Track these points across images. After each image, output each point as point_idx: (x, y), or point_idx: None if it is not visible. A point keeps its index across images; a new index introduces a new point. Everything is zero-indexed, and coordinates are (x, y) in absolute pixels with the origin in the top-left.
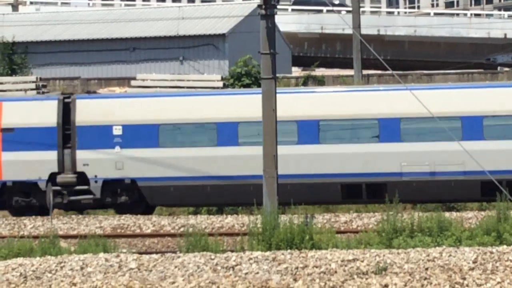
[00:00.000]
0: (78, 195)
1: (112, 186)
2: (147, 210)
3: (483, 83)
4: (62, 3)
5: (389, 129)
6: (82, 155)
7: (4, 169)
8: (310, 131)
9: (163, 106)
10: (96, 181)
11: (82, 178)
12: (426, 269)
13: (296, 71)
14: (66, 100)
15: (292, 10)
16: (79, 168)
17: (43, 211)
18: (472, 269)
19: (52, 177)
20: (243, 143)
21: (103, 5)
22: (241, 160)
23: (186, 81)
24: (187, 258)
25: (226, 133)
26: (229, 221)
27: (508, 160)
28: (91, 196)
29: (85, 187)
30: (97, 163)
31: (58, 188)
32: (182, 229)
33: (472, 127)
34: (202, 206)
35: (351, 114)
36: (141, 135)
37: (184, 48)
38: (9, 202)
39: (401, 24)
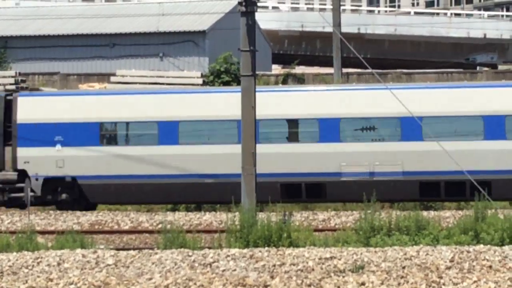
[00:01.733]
0: (19, 192)
1: (53, 184)
2: (88, 207)
3: (423, 84)
4: None
5: (329, 129)
6: (23, 153)
7: None
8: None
9: (105, 104)
10: (37, 179)
11: (23, 176)
12: (403, 267)
13: (276, 69)
14: (8, 97)
15: (273, 7)
16: (20, 165)
17: None
18: (449, 268)
19: None
20: (183, 142)
21: (84, 0)
22: (181, 159)
23: (165, 78)
24: (164, 254)
25: (167, 132)
26: (207, 218)
27: (446, 160)
28: (32, 194)
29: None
30: (38, 161)
31: None
32: (160, 225)
33: (412, 128)
34: (143, 204)
35: (292, 114)
36: (83, 133)
37: (164, 44)
38: None
39: (381, 23)
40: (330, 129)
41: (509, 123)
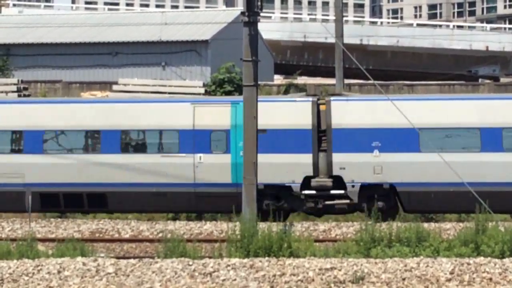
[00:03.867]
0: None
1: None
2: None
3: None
4: (45, 6)
5: (111, 140)
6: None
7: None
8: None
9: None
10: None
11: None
12: (403, 279)
13: (278, 79)
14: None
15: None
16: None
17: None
18: (449, 280)
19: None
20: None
21: (86, 8)
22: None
23: (168, 87)
24: (165, 263)
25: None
26: (208, 227)
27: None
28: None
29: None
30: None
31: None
32: (160, 234)
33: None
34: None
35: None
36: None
37: (166, 53)
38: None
39: (383, 34)
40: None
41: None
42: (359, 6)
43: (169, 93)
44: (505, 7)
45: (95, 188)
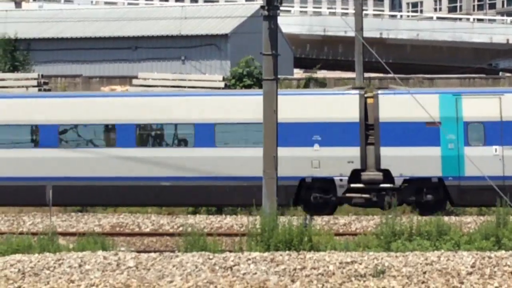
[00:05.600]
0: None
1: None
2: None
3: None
4: (65, 1)
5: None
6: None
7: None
8: None
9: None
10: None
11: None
12: (424, 272)
13: (298, 73)
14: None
15: (295, 11)
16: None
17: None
18: (470, 273)
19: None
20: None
21: (106, 3)
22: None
23: (187, 81)
24: (185, 257)
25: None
26: (228, 221)
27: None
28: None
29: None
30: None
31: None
32: (181, 228)
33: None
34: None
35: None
36: None
37: (186, 47)
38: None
39: (403, 28)
40: None
41: None
42: (378, 0)
43: (189, 87)
44: None
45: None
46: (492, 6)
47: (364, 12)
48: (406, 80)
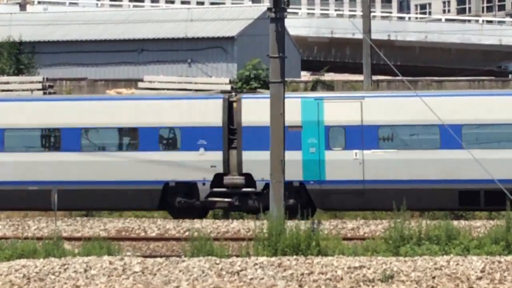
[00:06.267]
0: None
1: None
2: None
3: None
4: (70, 3)
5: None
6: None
7: None
8: None
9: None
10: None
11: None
12: (433, 277)
13: (305, 75)
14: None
15: (302, 13)
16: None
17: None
18: (479, 278)
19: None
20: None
21: (111, 5)
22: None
23: (193, 84)
24: (191, 262)
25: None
26: (235, 226)
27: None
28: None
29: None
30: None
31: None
32: (187, 233)
33: None
34: None
35: None
36: None
37: (192, 50)
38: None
39: (412, 30)
40: None
41: None
42: (386, 1)
43: (195, 90)
44: None
45: None
46: (502, 7)
47: (372, 14)
48: (414, 83)
